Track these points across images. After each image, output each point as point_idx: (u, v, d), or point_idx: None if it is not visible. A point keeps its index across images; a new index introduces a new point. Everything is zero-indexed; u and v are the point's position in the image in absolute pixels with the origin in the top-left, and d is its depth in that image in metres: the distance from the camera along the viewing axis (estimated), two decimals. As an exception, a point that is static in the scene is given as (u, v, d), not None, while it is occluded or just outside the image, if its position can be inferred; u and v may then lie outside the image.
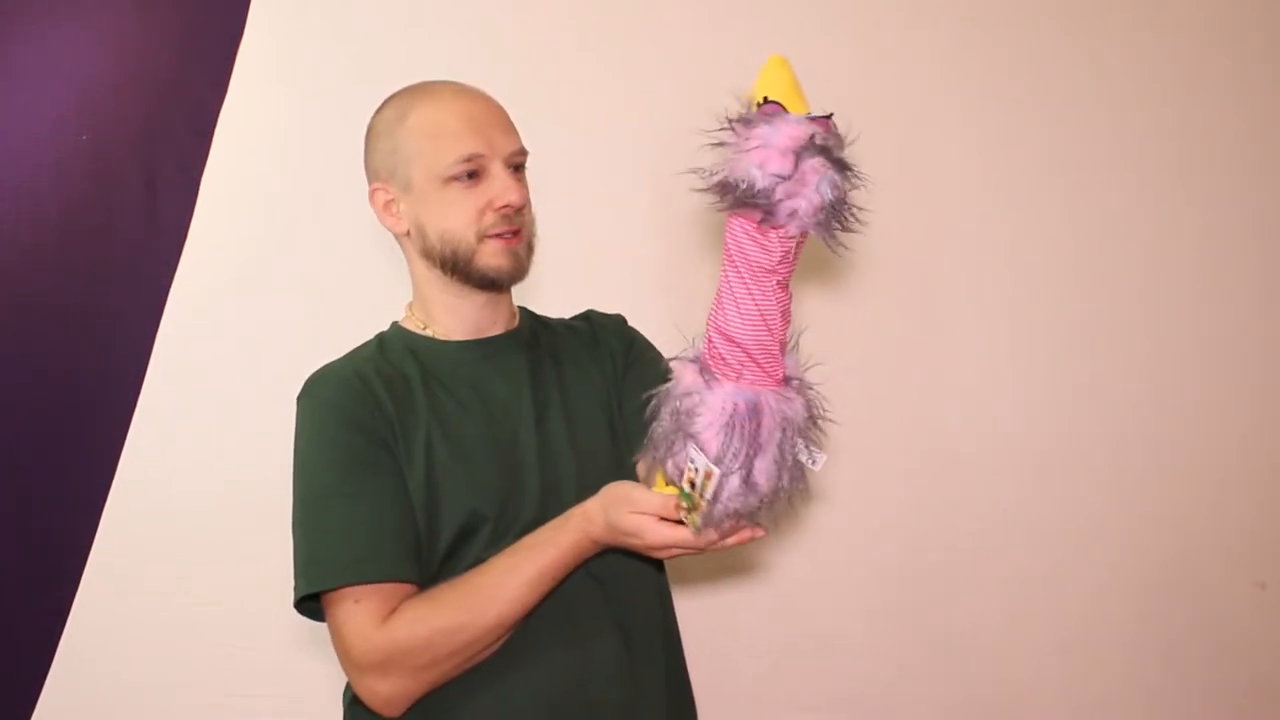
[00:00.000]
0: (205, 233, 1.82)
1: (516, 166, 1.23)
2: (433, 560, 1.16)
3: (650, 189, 1.94)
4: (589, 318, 1.40)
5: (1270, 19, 2.15)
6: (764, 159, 0.94)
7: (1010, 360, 2.07)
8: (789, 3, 2.00)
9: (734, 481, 1.00)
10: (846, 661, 2.02)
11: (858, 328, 1.97)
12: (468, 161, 1.17)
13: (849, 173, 0.96)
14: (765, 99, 0.96)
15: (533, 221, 1.25)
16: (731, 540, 1.06)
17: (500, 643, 1.14)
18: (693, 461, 1.00)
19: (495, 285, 1.23)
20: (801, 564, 2.00)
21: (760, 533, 1.07)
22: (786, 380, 1.04)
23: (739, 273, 1.00)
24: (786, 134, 0.94)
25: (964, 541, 2.05)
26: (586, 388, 1.30)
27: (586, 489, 1.20)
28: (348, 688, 1.21)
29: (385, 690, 1.11)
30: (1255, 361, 2.13)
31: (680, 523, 1.06)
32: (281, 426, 1.19)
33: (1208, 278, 2.12)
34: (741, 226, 0.99)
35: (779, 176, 0.93)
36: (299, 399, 1.19)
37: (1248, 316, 2.13)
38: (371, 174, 1.24)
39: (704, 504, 1.00)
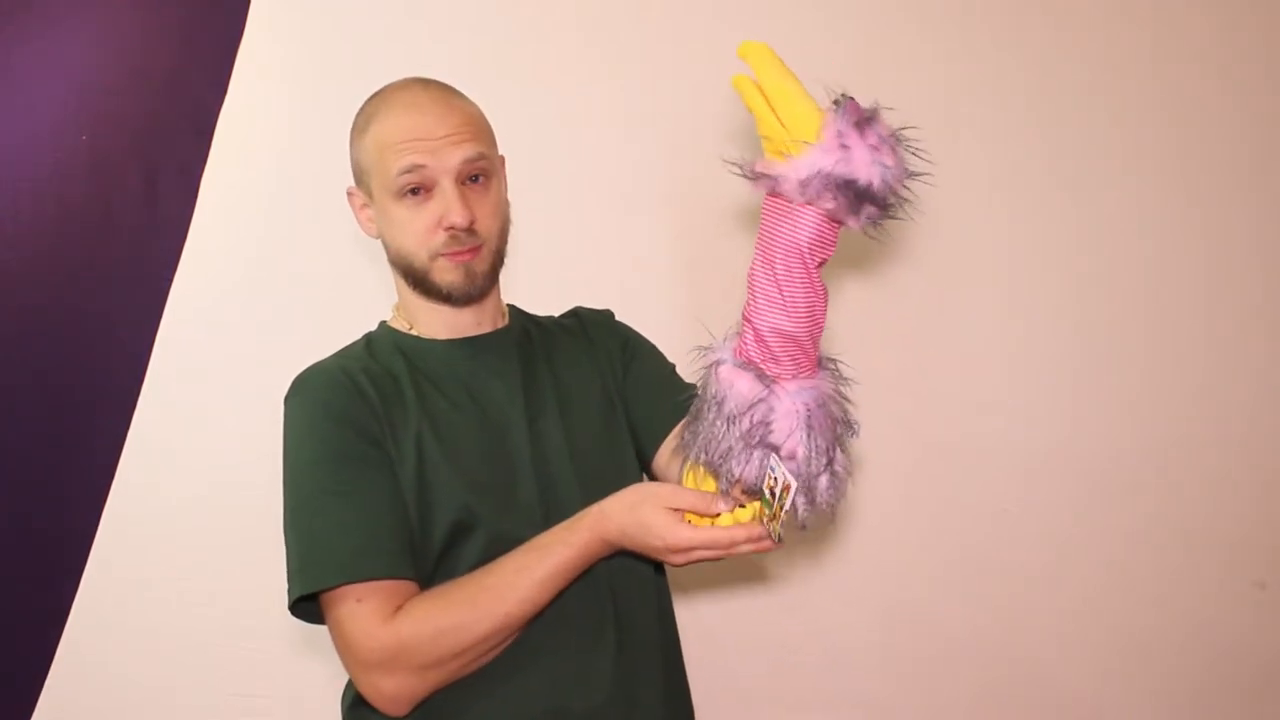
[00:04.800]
0: (205, 233, 1.82)
1: (474, 177, 1.20)
2: (427, 560, 1.15)
3: (654, 186, 1.94)
4: (578, 315, 1.40)
5: (1270, 19, 2.15)
6: (891, 158, 0.95)
7: (1010, 361, 2.07)
8: (788, 3, 2.00)
9: (824, 480, 1.01)
10: (846, 663, 2.02)
11: (857, 329, 1.97)
12: (408, 174, 1.16)
13: (913, 164, 0.98)
14: (844, 95, 0.96)
15: (498, 233, 1.22)
16: (749, 548, 1.06)
17: (507, 643, 1.13)
18: (772, 470, 1.00)
19: (451, 301, 1.22)
20: (801, 565, 2.00)
21: (778, 544, 1.07)
22: (820, 362, 1.06)
23: (804, 265, 0.99)
24: (887, 130, 0.96)
25: (964, 542, 2.05)
26: (582, 385, 1.30)
27: (585, 485, 1.21)
28: (345, 691, 1.21)
29: (390, 688, 1.11)
30: (1256, 361, 2.13)
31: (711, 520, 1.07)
32: (281, 426, 1.19)
33: (1208, 277, 2.12)
34: (816, 221, 0.97)
35: (902, 173, 0.95)
36: (287, 399, 1.19)
37: (1248, 316, 2.13)
38: (353, 175, 1.26)
39: (783, 514, 1.01)
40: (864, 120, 0.95)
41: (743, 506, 1.07)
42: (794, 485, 0.99)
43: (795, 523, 1.03)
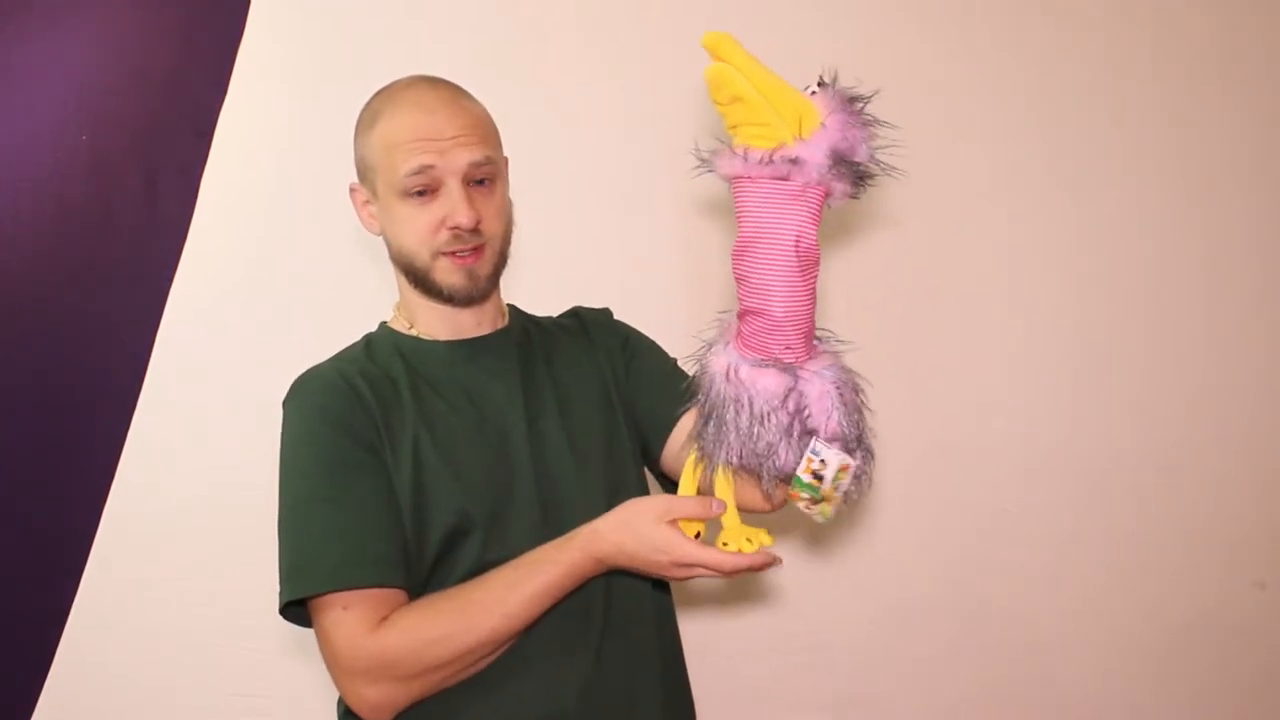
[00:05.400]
0: (205, 233, 1.82)
1: (480, 180, 1.19)
2: (422, 565, 1.14)
3: (654, 186, 1.94)
4: (577, 314, 1.40)
5: (1270, 19, 2.15)
6: (869, 132, 0.97)
7: (1010, 361, 2.07)
8: (788, 3, 2.00)
9: (859, 455, 1.03)
10: (846, 663, 2.02)
11: (857, 328, 1.97)
12: (417, 175, 1.15)
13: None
14: (821, 80, 0.98)
15: (501, 235, 1.22)
16: (754, 567, 1.07)
17: (494, 657, 1.13)
18: (815, 454, 1.01)
19: (452, 302, 1.22)
20: (801, 565, 2.00)
21: (778, 562, 1.09)
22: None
23: (809, 248, 1.00)
24: (861, 105, 0.98)
25: (964, 542, 2.05)
26: (582, 385, 1.29)
27: (585, 486, 1.20)
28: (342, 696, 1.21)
29: (374, 697, 1.10)
30: (1256, 361, 2.13)
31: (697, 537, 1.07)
32: (280, 426, 1.19)
33: (1208, 277, 2.12)
34: (818, 200, 0.99)
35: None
36: (285, 402, 1.19)
37: (1248, 316, 2.13)
38: (356, 171, 1.25)
39: (838, 495, 1.02)
40: (851, 100, 0.98)
41: (749, 540, 1.07)
42: (853, 464, 1.01)
43: (830, 509, 1.05)
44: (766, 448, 1.02)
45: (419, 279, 1.21)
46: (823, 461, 1.01)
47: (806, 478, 1.02)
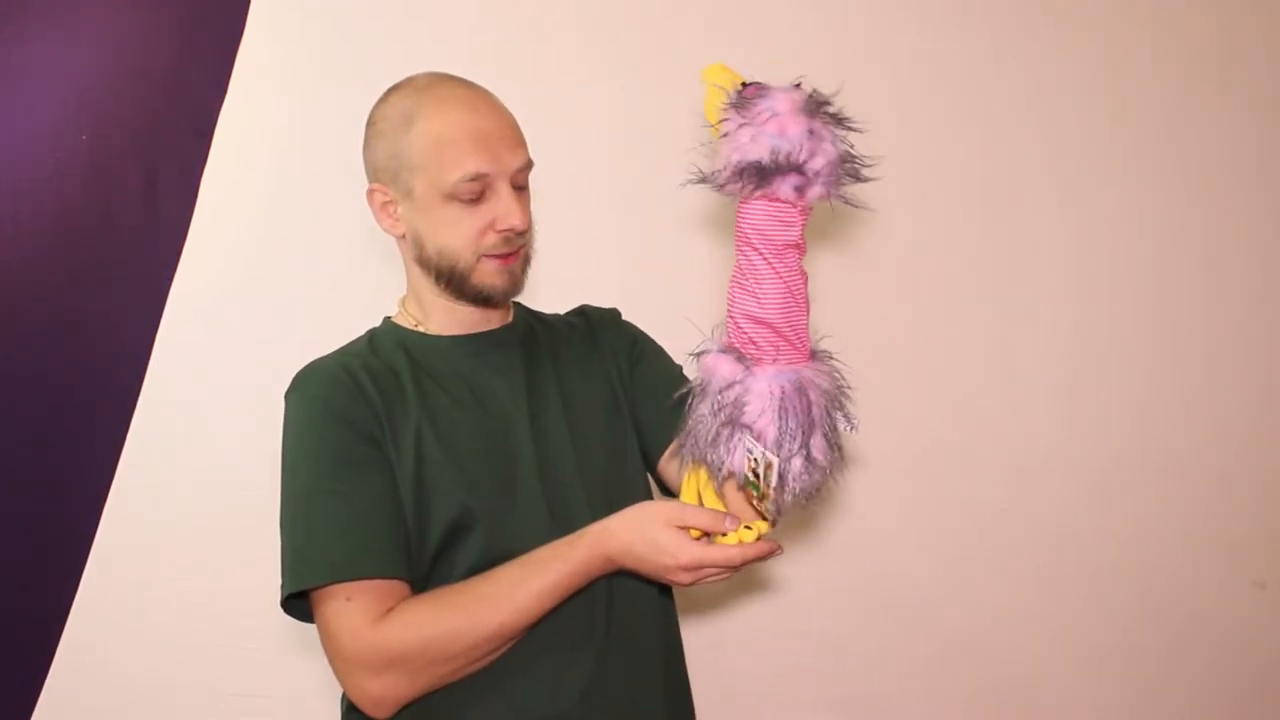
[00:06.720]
0: (205, 233, 1.82)
1: (522, 183, 1.20)
2: (423, 559, 1.14)
3: (654, 186, 1.94)
4: (584, 313, 1.40)
5: (1270, 19, 2.15)
6: (781, 127, 0.96)
7: (1010, 360, 2.07)
8: (788, 3, 2.00)
9: (797, 463, 1.01)
10: (847, 662, 2.02)
11: (857, 329, 1.97)
12: (473, 181, 1.15)
13: (848, 122, 0.99)
14: (745, 83, 0.99)
15: (532, 237, 1.23)
16: (759, 556, 1.07)
17: (499, 653, 1.13)
18: (750, 452, 1.01)
19: (490, 303, 1.22)
20: (801, 565, 2.00)
21: (779, 549, 1.09)
22: (813, 354, 1.06)
23: (760, 253, 1.01)
24: (786, 100, 0.97)
25: (964, 542, 2.05)
26: (587, 384, 1.29)
27: (589, 486, 1.20)
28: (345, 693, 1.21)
29: (376, 690, 1.10)
30: (1255, 361, 2.13)
31: (705, 536, 1.08)
32: (281, 426, 1.19)
33: (1208, 277, 2.12)
34: (760, 207, 1.00)
35: (803, 136, 0.95)
36: (287, 395, 1.19)
37: (1247, 316, 2.13)
38: (371, 172, 1.22)
39: (771, 492, 1.01)
40: (739, 101, 0.98)
41: (749, 528, 1.08)
42: (775, 462, 0.99)
43: (773, 506, 1.04)
44: (713, 437, 1.03)
45: (455, 281, 1.19)
46: (756, 459, 1.01)
47: (751, 476, 1.03)
